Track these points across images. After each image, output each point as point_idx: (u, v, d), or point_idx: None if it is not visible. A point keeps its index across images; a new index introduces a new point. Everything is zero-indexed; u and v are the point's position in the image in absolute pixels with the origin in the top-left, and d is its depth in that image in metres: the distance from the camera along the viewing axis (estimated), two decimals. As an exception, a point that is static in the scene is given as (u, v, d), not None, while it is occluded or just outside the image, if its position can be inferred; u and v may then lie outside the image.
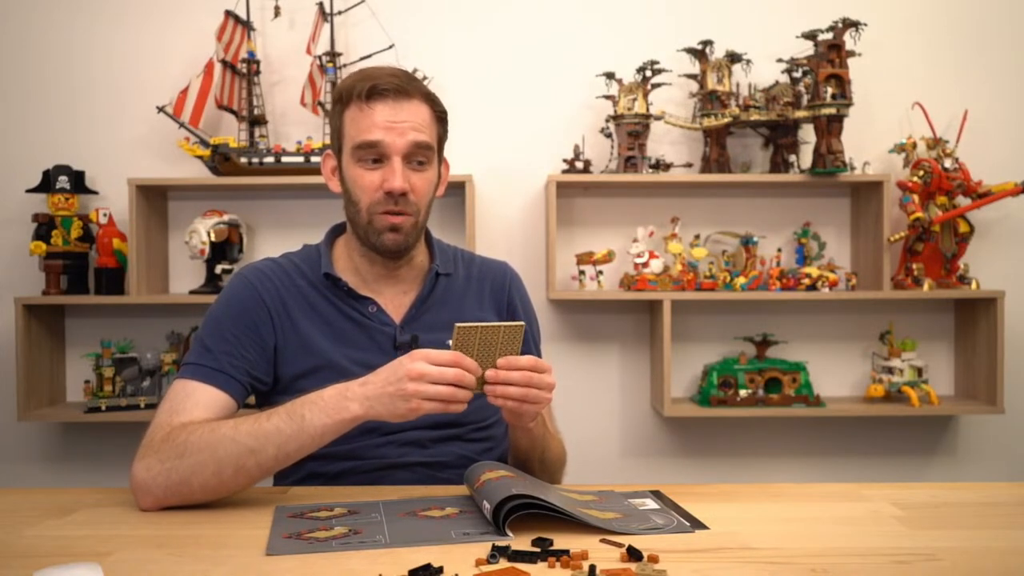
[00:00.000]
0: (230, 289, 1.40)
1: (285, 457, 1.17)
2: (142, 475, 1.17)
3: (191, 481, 1.15)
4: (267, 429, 1.16)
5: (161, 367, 2.56)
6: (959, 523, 1.11)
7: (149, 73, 2.66)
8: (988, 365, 2.53)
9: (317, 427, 1.16)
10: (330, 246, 1.46)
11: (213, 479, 1.15)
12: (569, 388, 2.69)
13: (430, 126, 1.37)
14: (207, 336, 1.33)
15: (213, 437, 1.17)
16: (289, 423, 1.16)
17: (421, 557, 0.93)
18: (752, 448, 2.74)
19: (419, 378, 1.13)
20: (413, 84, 1.36)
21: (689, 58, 2.61)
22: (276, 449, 1.16)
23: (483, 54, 2.70)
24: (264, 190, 2.65)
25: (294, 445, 1.16)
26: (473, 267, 1.53)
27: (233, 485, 1.17)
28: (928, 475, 2.72)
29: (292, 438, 1.16)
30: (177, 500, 1.17)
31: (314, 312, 1.39)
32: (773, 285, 2.55)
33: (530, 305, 1.58)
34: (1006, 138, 2.70)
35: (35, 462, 2.70)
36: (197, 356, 1.31)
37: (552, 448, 1.43)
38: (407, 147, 1.33)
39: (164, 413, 1.25)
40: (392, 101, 1.33)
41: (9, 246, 2.67)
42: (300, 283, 1.41)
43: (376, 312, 1.40)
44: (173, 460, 1.16)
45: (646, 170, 2.56)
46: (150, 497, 1.17)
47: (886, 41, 2.66)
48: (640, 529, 1.05)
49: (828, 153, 2.49)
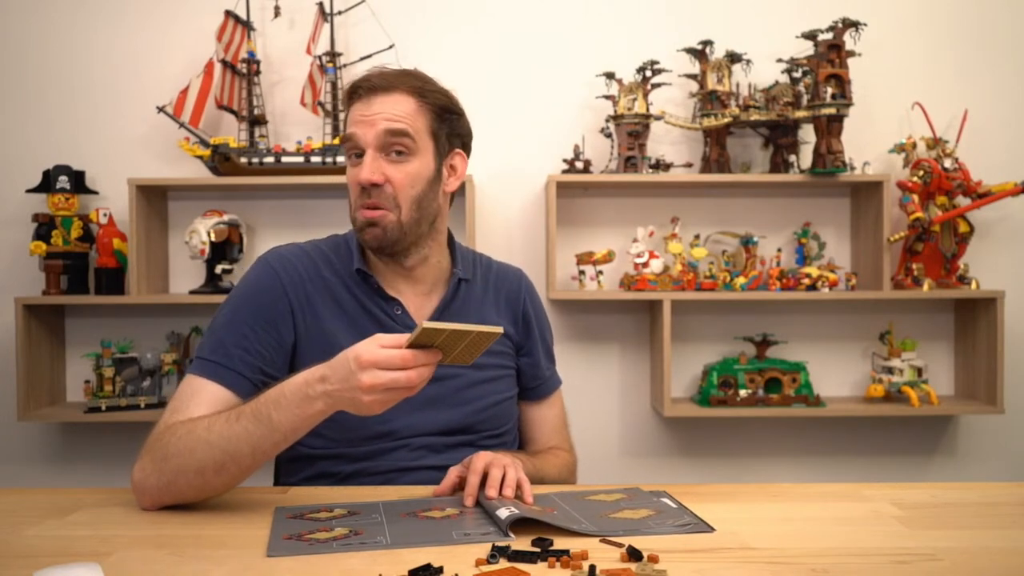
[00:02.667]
0: (252, 277, 1.36)
1: (263, 455, 1.14)
2: (137, 475, 1.17)
3: (178, 482, 1.14)
4: (236, 432, 1.13)
5: (161, 367, 2.56)
6: (959, 523, 1.11)
7: (149, 73, 2.66)
8: (988, 365, 2.53)
9: (286, 425, 1.12)
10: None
11: (197, 479, 1.14)
12: (569, 388, 2.66)
13: (412, 116, 1.33)
14: (222, 327, 1.30)
15: (190, 440, 1.15)
16: (257, 425, 1.12)
17: (421, 557, 0.93)
18: (752, 448, 2.74)
19: (371, 366, 1.05)
20: (401, 79, 1.34)
21: (689, 58, 2.61)
22: (251, 449, 1.13)
23: (483, 54, 2.70)
24: (264, 190, 2.65)
25: (268, 444, 1.13)
26: (490, 273, 1.52)
27: (219, 485, 1.15)
28: (928, 475, 2.72)
29: (264, 438, 1.13)
30: (171, 499, 1.16)
31: (339, 307, 1.36)
32: (773, 285, 2.55)
33: (543, 313, 1.57)
34: (1006, 138, 2.70)
35: (35, 462, 2.70)
36: (210, 350, 1.28)
37: (548, 472, 1.42)
38: (377, 137, 1.31)
39: (168, 411, 1.24)
40: (367, 97, 1.33)
41: (9, 246, 2.67)
42: (327, 275, 1.38)
43: (401, 315, 1.38)
44: (159, 462, 1.15)
45: (646, 170, 2.56)
46: (147, 497, 1.17)
47: (886, 41, 2.66)
48: (674, 528, 1.06)
49: (828, 153, 2.49)
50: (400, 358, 1.05)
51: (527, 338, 1.51)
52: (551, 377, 1.56)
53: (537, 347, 1.53)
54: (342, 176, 2.49)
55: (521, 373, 1.51)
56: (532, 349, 1.52)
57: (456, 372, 1.35)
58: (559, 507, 1.14)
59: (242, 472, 1.15)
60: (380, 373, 1.05)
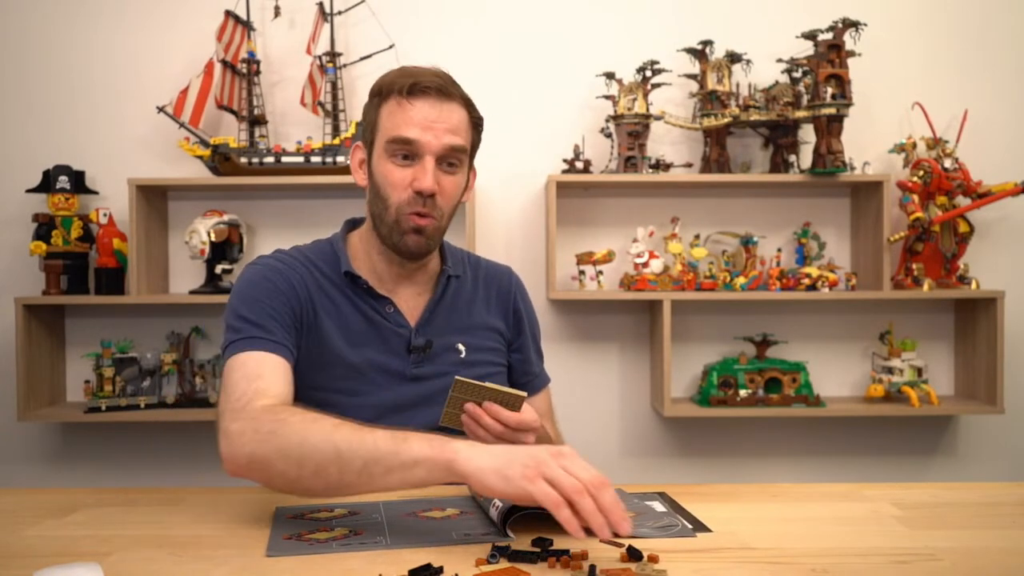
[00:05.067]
0: (257, 273, 1.33)
1: (369, 478, 1.04)
2: (234, 438, 1.11)
3: (273, 461, 1.08)
4: (364, 439, 1.05)
5: (161, 367, 2.56)
6: (959, 523, 1.11)
7: (149, 73, 2.66)
8: (988, 365, 2.53)
9: (414, 454, 1.02)
10: (345, 242, 1.42)
11: (293, 469, 1.07)
12: (569, 388, 2.69)
13: (466, 130, 1.35)
14: (249, 312, 1.26)
15: (312, 427, 1.08)
16: (388, 441, 1.04)
17: (421, 557, 0.93)
18: (752, 448, 2.74)
19: (560, 461, 0.97)
20: (454, 87, 1.35)
21: (689, 58, 2.61)
22: (362, 463, 1.04)
23: (483, 54, 2.70)
24: (264, 190, 2.65)
25: (382, 467, 1.03)
26: (480, 271, 1.52)
27: (310, 485, 1.08)
28: (928, 475, 2.72)
29: (384, 458, 1.03)
30: (256, 476, 1.10)
31: (334, 308, 1.36)
32: (773, 285, 2.55)
33: (533, 311, 1.57)
34: (1006, 138, 2.70)
35: (35, 462, 2.70)
36: (246, 331, 1.24)
37: None
38: (442, 149, 1.30)
39: (241, 380, 1.17)
40: (433, 100, 1.31)
41: (9, 246, 2.67)
42: (319, 277, 1.37)
43: (393, 313, 1.37)
44: (266, 432, 1.09)
45: (646, 170, 2.56)
46: (233, 464, 1.11)
47: (886, 41, 2.66)
48: (653, 530, 1.05)
49: (828, 153, 2.49)
50: (576, 488, 0.94)
51: (518, 335, 1.51)
52: (540, 373, 1.56)
53: (528, 344, 1.52)
54: (342, 176, 2.49)
55: (512, 369, 1.51)
56: (523, 345, 1.52)
57: (446, 371, 1.34)
58: None
59: (340, 484, 1.07)
60: (575, 463, 0.96)
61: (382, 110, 1.33)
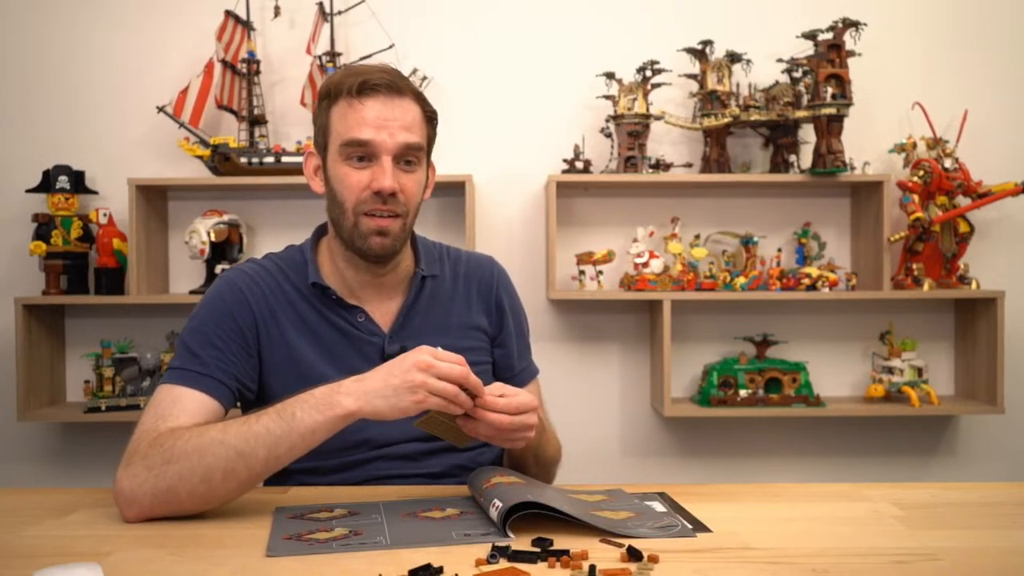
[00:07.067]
0: (215, 292, 1.33)
1: (275, 460, 1.12)
2: (127, 483, 1.11)
3: (178, 488, 1.09)
4: (256, 431, 1.11)
5: (161, 367, 2.56)
6: (959, 523, 1.11)
7: (149, 73, 2.67)
8: (988, 365, 2.53)
9: (308, 425, 1.11)
10: (315, 250, 1.40)
11: (201, 485, 1.09)
12: (569, 388, 2.69)
13: (420, 126, 1.31)
14: (192, 340, 1.28)
15: (201, 441, 1.11)
16: (279, 423, 1.11)
17: (421, 557, 0.93)
18: (752, 448, 2.74)
19: (427, 369, 1.10)
20: (404, 82, 1.31)
21: (689, 58, 2.61)
22: (266, 451, 1.11)
23: (483, 54, 2.70)
24: (264, 190, 2.65)
25: (284, 446, 1.11)
26: (460, 266, 1.47)
27: (222, 492, 1.11)
28: (928, 475, 2.72)
29: (282, 439, 1.11)
30: (164, 510, 1.11)
31: (301, 321, 1.34)
32: (773, 285, 2.55)
33: (518, 301, 1.53)
34: (1006, 138, 2.70)
35: (35, 462, 2.70)
36: (182, 360, 1.26)
37: (547, 449, 1.40)
38: (398, 147, 1.28)
39: (150, 419, 1.19)
40: (384, 98, 1.28)
41: (9, 246, 2.67)
42: (287, 288, 1.35)
43: (364, 322, 1.35)
44: (160, 466, 1.10)
45: (646, 170, 2.56)
46: (135, 507, 1.10)
47: (886, 41, 2.66)
48: (653, 530, 1.05)
49: (828, 153, 2.49)
50: (456, 356, 1.12)
51: (500, 330, 1.47)
52: (527, 367, 1.51)
53: (511, 338, 1.48)
54: (342, 176, 2.48)
55: (495, 365, 1.47)
56: (506, 340, 1.47)
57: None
58: (546, 492, 1.13)
59: (250, 478, 1.12)
60: (435, 360, 1.11)
61: (332, 113, 1.31)
